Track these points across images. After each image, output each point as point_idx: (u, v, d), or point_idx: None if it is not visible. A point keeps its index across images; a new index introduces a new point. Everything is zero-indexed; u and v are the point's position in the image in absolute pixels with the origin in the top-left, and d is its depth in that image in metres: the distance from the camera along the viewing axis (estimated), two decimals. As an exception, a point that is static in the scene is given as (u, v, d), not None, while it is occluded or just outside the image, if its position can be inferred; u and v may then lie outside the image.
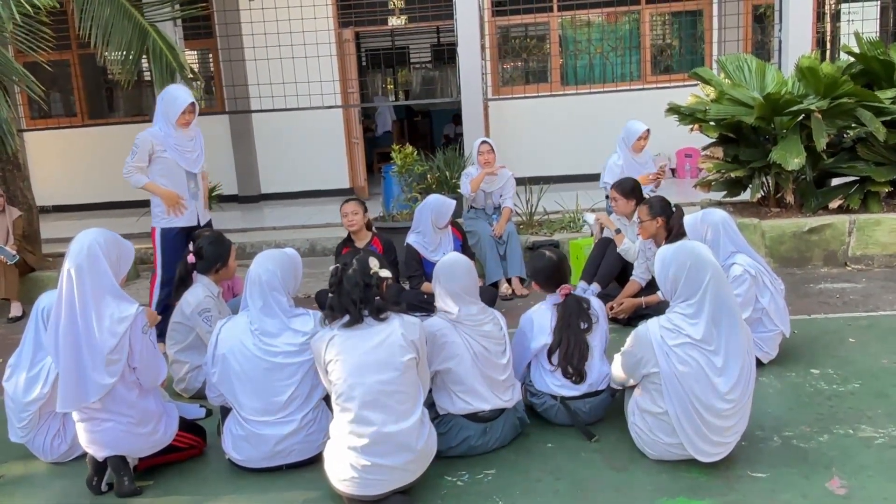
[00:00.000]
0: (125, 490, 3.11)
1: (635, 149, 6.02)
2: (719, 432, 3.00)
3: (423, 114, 14.81)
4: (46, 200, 10.15)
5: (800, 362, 4.11)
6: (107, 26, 6.30)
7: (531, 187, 7.15)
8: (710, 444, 3.02)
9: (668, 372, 2.99)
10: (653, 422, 3.10)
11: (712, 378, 2.95)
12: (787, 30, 7.83)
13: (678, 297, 3.06)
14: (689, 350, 2.97)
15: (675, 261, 3.06)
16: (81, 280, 2.96)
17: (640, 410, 3.17)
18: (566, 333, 3.44)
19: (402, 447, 2.83)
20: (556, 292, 3.58)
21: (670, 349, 2.99)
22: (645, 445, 3.18)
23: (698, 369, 2.96)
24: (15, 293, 6.12)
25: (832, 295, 5.39)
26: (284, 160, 10.26)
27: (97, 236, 3.06)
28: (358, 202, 5.53)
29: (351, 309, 2.91)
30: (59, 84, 10.53)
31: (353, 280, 2.93)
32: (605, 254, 5.31)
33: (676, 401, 2.99)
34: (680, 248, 3.12)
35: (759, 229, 6.13)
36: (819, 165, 6.24)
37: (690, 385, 2.96)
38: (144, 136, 4.78)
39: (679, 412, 3.00)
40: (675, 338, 3.00)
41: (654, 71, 10.26)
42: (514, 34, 10.59)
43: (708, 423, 2.97)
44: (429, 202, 5.46)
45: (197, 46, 10.32)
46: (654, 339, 3.03)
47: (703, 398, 2.95)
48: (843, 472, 2.98)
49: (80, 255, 2.99)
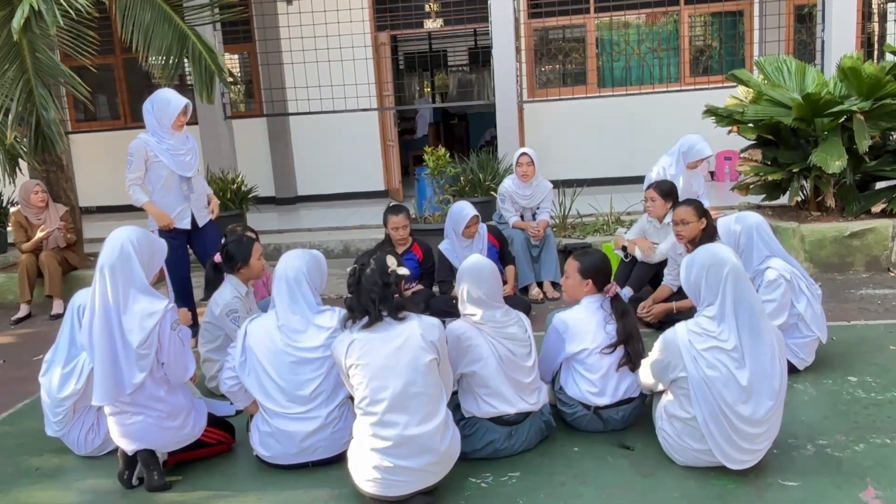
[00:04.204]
0: (155, 484, 3.18)
1: (692, 167, 5.84)
2: (749, 439, 2.94)
3: (459, 117, 14.83)
4: (90, 201, 10.44)
5: (837, 369, 4.00)
6: (148, 31, 6.44)
7: (564, 190, 7.10)
8: (739, 451, 2.96)
9: (696, 376, 2.94)
10: (681, 427, 3.05)
11: (742, 383, 2.89)
12: (830, 30, 7.67)
13: (703, 302, 3.03)
14: (718, 354, 2.92)
15: (695, 264, 3.05)
16: (114, 277, 3.04)
17: (668, 416, 3.12)
18: (628, 324, 3.39)
19: (426, 449, 2.83)
20: (602, 293, 3.51)
21: (698, 353, 2.94)
22: (673, 451, 3.13)
23: (727, 374, 2.90)
24: (58, 291, 6.30)
25: (873, 301, 5.24)
26: (321, 162, 10.38)
27: (130, 234, 3.13)
28: (405, 214, 5.33)
29: (370, 309, 2.91)
30: (104, 87, 10.80)
31: (372, 279, 2.93)
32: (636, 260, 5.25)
33: (705, 406, 2.94)
34: (700, 251, 3.10)
35: (799, 233, 6.00)
36: (861, 168, 6.08)
37: (719, 390, 2.90)
38: (138, 144, 4.83)
39: (708, 418, 2.94)
40: (704, 342, 2.95)
41: (693, 72, 10.12)
42: (552, 36, 10.54)
43: (737, 429, 2.92)
44: (450, 209, 5.35)
45: (236, 50, 10.50)
46: (682, 344, 2.98)
47: (732, 403, 2.90)
48: (878, 483, 2.89)
49: (112, 253, 3.07)
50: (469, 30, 13.37)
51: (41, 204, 6.43)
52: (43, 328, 6.00)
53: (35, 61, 5.65)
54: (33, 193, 6.39)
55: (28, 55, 5.58)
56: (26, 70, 5.60)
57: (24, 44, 5.48)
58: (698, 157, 5.64)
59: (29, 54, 5.58)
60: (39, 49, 5.65)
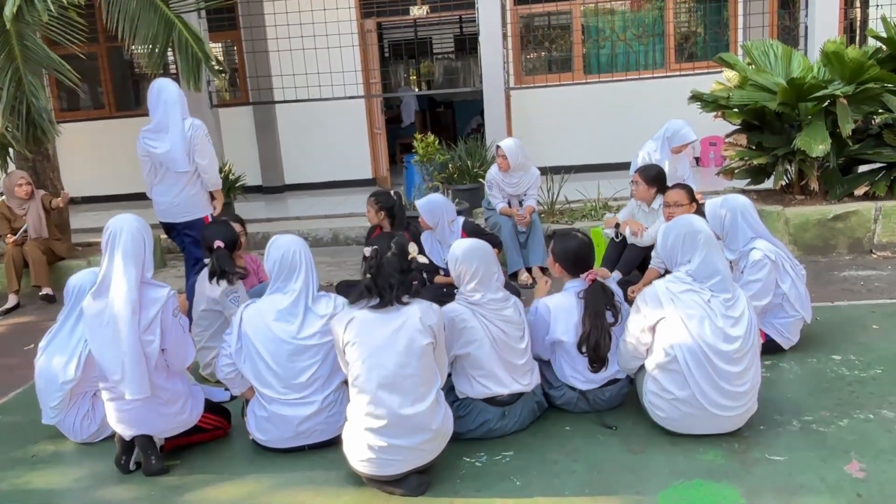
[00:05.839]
0: (153, 469, 3.20)
1: (676, 151, 5.87)
2: (728, 379, 3.06)
3: (445, 105, 14.82)
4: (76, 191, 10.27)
5: (821, 348, 4.08)
6: (133, 19, 6.39)
7: (552, 176, 7.15)
8: (721, 394, 3.07)
9: (674, 315, 3.11)
10: (664, 377, 3.14)
11: (716, 321, 3.07)
12: (813, 15, 7.75)
13: (678, 264, 3.26)
14: (693, 296, 3.13)
15: (672, 230, 3.29)
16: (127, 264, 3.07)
17: (650, 372, 3.21)
18: (595, 322, 3.37)
19: (418, 428, 2.87)
20: (580, 277, 3.52)
21: (675, 295, 3.14)
22: (658, 410, 3.20)
23: (702, 312, 3.08)
24: (45, 280, 6.28)
25: (856, 282, 5.34)
26: (308, 151, 10.35)
27: (133, 222, 3.17)
28: (371, 199, 5.31)
29: (385, 293, 2.93)
30: (88, 76, 10.69)
31: (393, 264, 2.95)
32: (626, 243, 5.31)
33: (684, 345, 3.07)
34: (677, 220, 3.35)
35: (783, 217, 6.08)
36: (845, 152, 6.17)
37: (695, 326, 3.06)
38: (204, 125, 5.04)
39: (687, 355, 3.07)
40: (680, 286, 3.17)
41: (678, 59, 10.18)
42: (538, 23, 10.55)
43: (717, 367, 3.05)
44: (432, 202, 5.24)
45: (221, 38, 10.44)
46: (660, 289, 3.19)
47: (709, 340, 3.05)
48: (862, 456, 2.98)
49: (127, 241, 3.10)
50: (455, 16, 13.35)
51: (25, 196, 6.41)
52: (32, 318, 5.98)
53: (24, 49, 5.61)
54: (17, 186, 6.37)
55: (17, 43, 5.54)
56: (15, 58, 5.56)
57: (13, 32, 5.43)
58: (682, 141, 5.69)
59: (17, 42, 5.54)
60: (28, 37, 5.61)
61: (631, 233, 5.20)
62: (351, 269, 6.56)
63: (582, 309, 3.43)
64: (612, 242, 5.40)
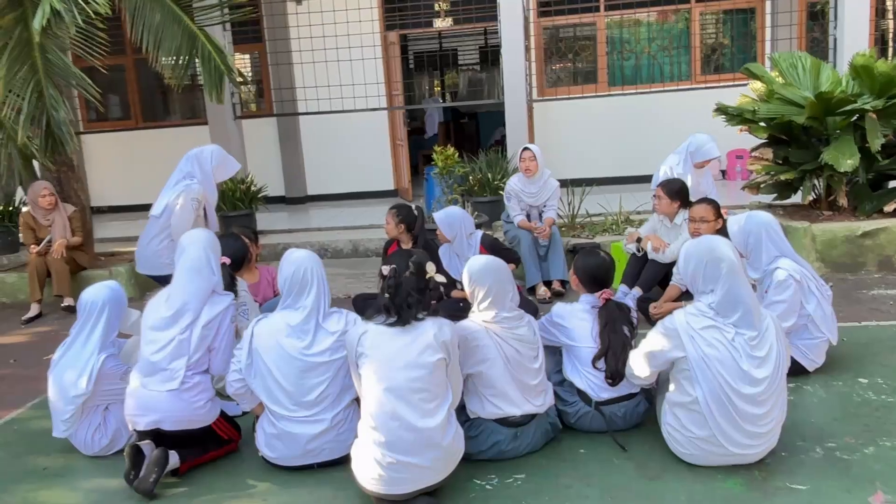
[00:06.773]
0: (145, 485, 3.09)
1: (699, 166, 5.79)
2: (751, 420, 2.95)
3: (469, 116, 14.81)
4: (102, 201, 10.51)
5: (847, 371, 3.96)
6: (158, 32, 6.46)
7: (574, 189, 7.07)
8: (743, 434, 2.96)
9: (694, 355, 2.98)
10: (684, 415, 3.06)
11: (741, 363, 2.94)
12: (842, 28, 7.61)
13: (700, 292, 3.11)
14: (715, 333, 2.99)
15: (692, 257, 3.12)
16: (200, 277, 3.40)
17: (670, 406, 3.13)
18: (613, 338, 3.38)
19: (428, 444, 2.82)
20: (595, 295, 3.52)
21: (696, 332, 3.00)
22: (677, 445, 3.11)
23: (725, 353, 2.95)
24: (67, 291, 6.34)
25: (885, 302, 5.19)
26: (330, 162, 10.39)
27: (208, 235, 3.54)
28: (393, 211, 5.29)
29: (403, 313, 2.92)
30: (115, 88, 10.86)
31: (411, 284, 2.95)
32: (647, 258, 5.22)
33: (705, 385, 2.97)
34: (696, 244, 3.17)
35: (811, 233, 5.94)
36: (874, 167, 6.02)
37: (718, 368, 2.94)
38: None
39: (708, 396, 2.96)
40: (701, 322, 3.02)
41: (704, 71, 10.05)
42: (562, 35, 10.50)
43: (738, 408, 2.93)
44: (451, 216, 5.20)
45: (246, 50, 10.53)
46: (680, 325, 3.05)
47: (731, 382, 2.93)
48: (888, 487, 2.86)
49: (197, 259, 3.42)
50: (479, 28, 13.34)
51: (49, 206, 6.47)
52: (53, 327, 6.03)
53: (46, 62, 5.68)
54: (41, 196, 6.43)
55: (39, 56, 5.61)
56: (37, 71, 5.63)
57: (35, 45, 5.51)
58: (706, 157, 5.60)
59: (40, 55, 5.61)
60: (50, 50, 5.67)
61: (652, 248, 5.11)
62: (369, 281, 6.53)
63: (595, 320, 3.44)
64: (633, 257, 5.32)
